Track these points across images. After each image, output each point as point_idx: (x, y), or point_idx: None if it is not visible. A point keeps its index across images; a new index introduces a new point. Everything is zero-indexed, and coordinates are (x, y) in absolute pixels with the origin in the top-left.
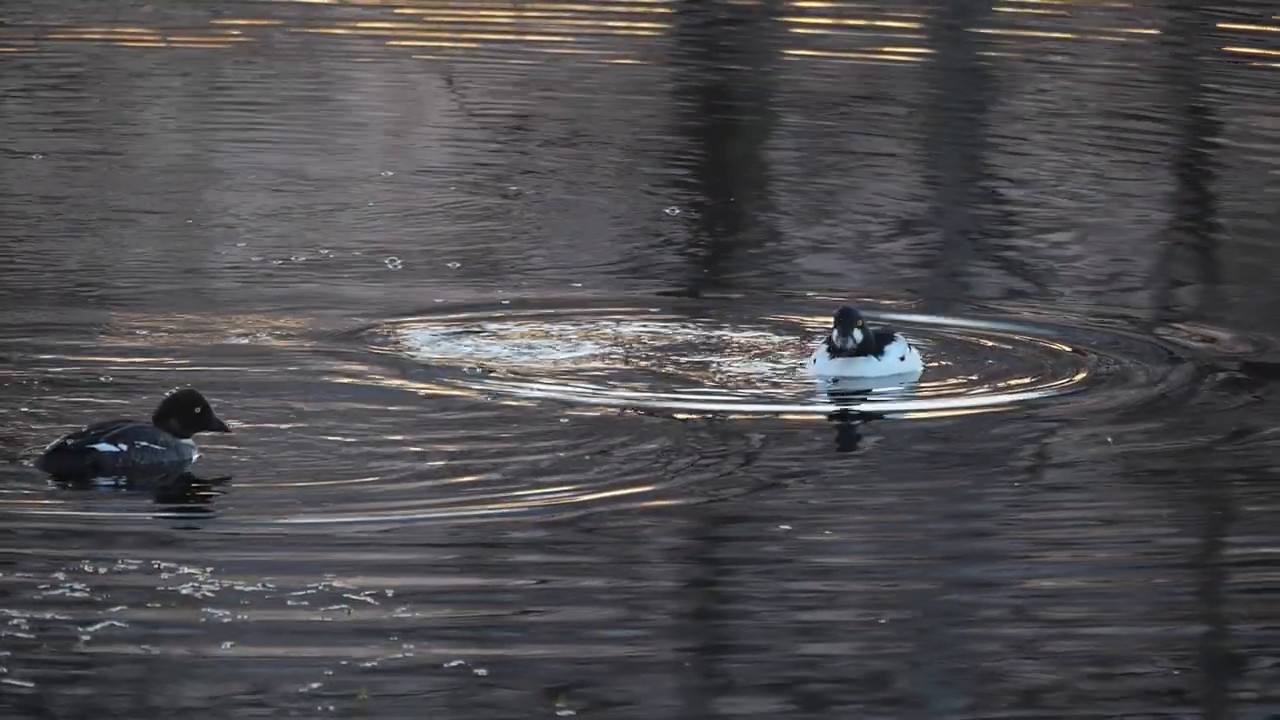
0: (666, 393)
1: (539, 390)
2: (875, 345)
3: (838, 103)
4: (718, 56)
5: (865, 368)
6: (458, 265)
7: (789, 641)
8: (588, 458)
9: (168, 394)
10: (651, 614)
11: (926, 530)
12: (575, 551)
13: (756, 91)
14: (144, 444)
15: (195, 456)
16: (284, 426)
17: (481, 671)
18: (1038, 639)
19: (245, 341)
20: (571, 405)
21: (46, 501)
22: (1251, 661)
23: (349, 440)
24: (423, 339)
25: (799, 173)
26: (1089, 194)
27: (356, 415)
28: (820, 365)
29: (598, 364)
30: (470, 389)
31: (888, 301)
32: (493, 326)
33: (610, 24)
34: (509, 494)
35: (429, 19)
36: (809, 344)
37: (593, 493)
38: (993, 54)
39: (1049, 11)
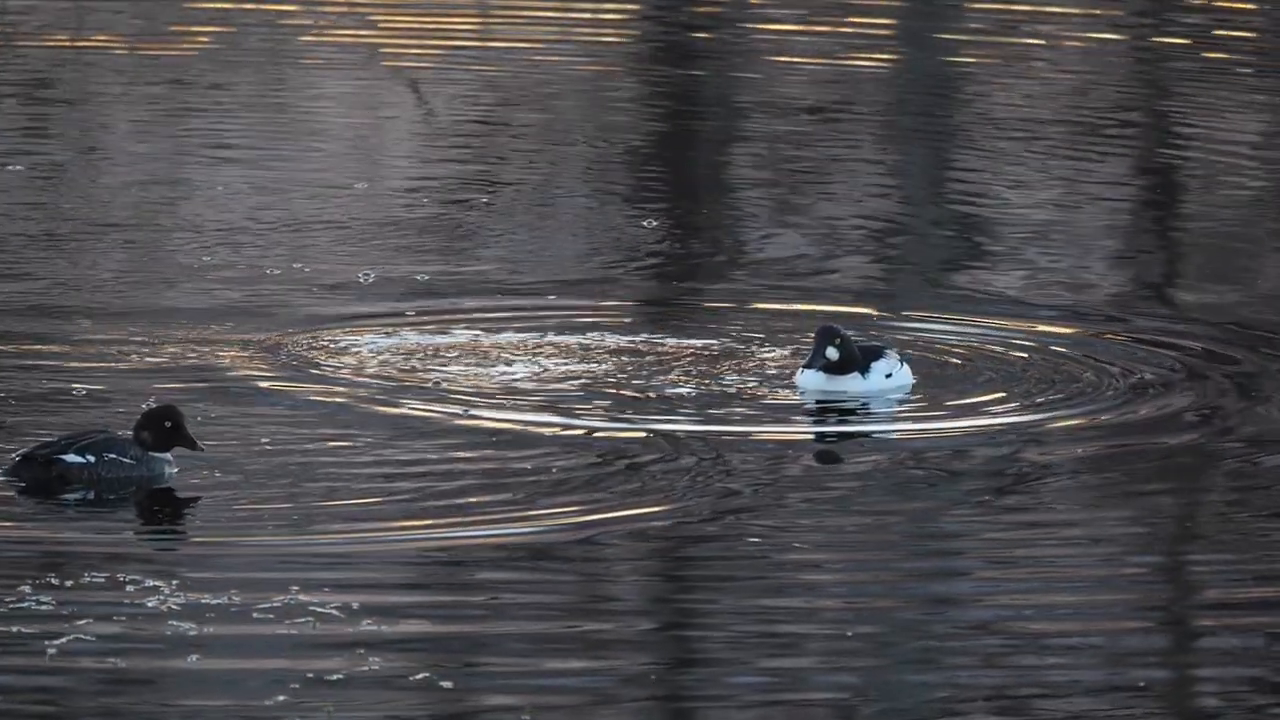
0: (640, 410)
1: (512, 408)
2: (860, 361)
3: (808, 108)
4: (685, 63)
5: (849, 384)
6: (427, 278)
7: (755, 661)
8: (559, 477)
9: (144, 407)
10: (619, 636)
11: (898, 565)
12: (544, 572)
13: (724, 97)
14: (112, 456)
15: (171, 472)
16: (254, 443)
17: (447, 685)
18: (1005, 678)
19: (217, 356)
20: (545, 424)
21: (11, 512)
22: (1218, 689)
23: (319, 458)
24: (396, 354)
25: (770, 180)
26: (1059, 197)
27: (327, 431)
28: (805, 380)
29: (573, 379)
30: (443, 407)
31: (865, 310)
32: (466, 341)
33: (576, 29)
34: (479, 514)
35: (394, 26)
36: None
37: (563, 514)
38: (962, 58)
39: (1017, 15)
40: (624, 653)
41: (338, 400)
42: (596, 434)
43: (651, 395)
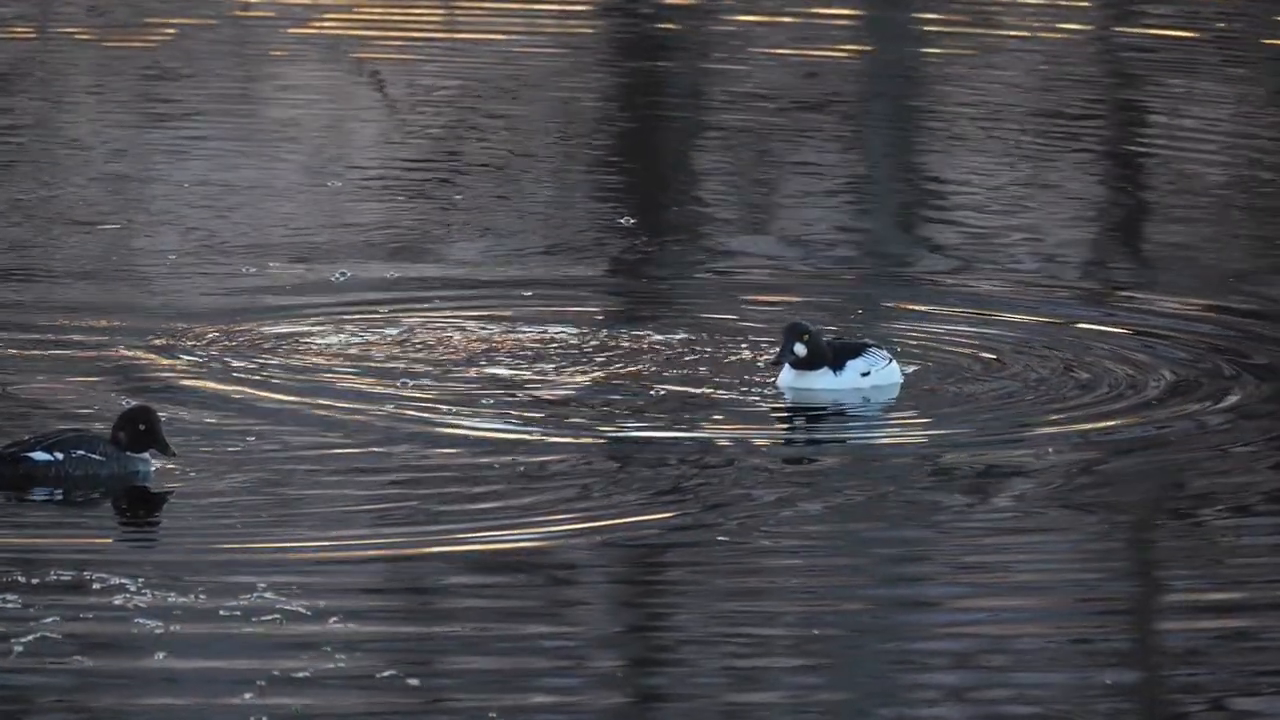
0: (610, 413)
1: (483, 411)
2: (830, 358)
3: (775, 99)
4: (653, 54)
5: (819, 380)
6: (397, 276)
7: (721, 690)
8: (529, 483)
9: (123, 404)
10: (587, 647)
11: (865, 590)
12: (512, 580)
13: (694, 88)
14: (80, 453)
15: (148, 471)
16: (227, 444)
17: (414, 683)
18: (974, 686)
19: (190, 355)
20: (516, 428)
21: None
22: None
23: (291, 460)
24: (369, 353)
25: (742, 173)
26: (1029, 191)
27: (301, 433)
28: (781, 377)
29: (546, 381)
30: (415, 410)
31: (842, 305)
32: (436, 340)
33: (541, 21)
34: (449, 520)
35: (358, 18)
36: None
37: (533, 521)
38: (930, 49)
39: (987, 4)
40: (593, 658)
41: (310, 401)
42: (567, 438)
43: (622, 396)
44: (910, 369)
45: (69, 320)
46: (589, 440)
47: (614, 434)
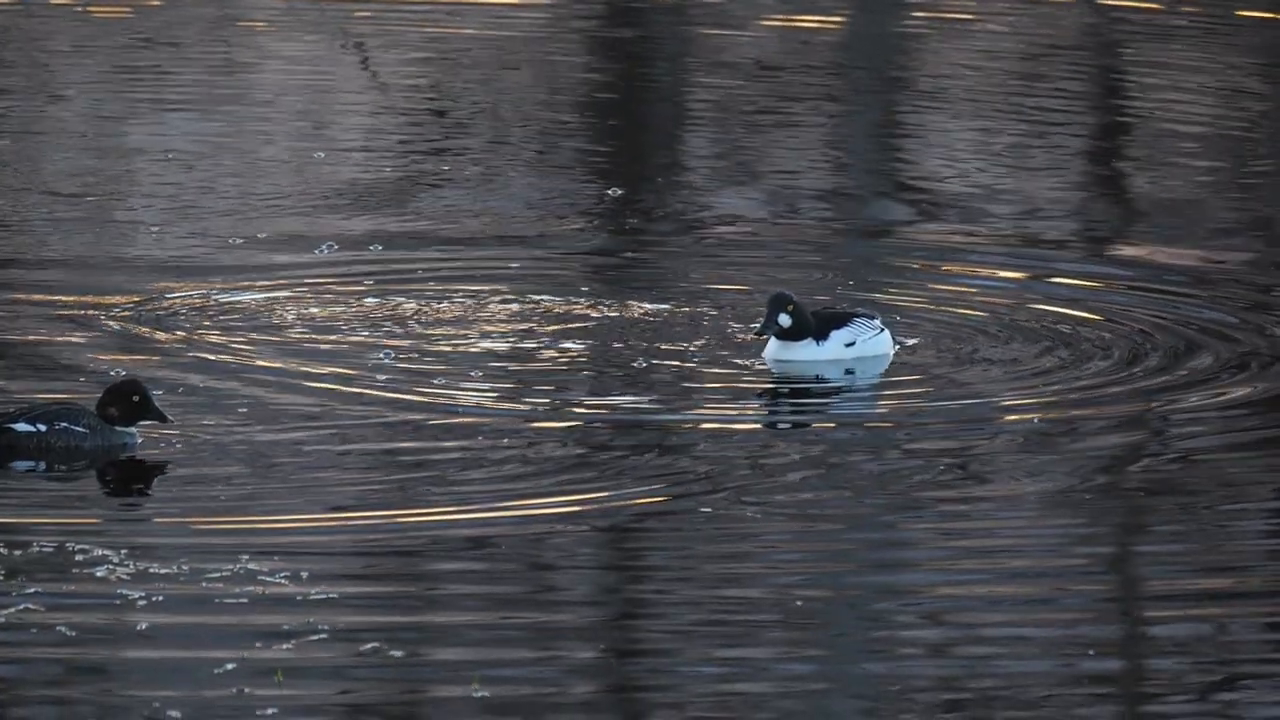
0: (594, 390)
1: (468, 388)
2: (813, 328)
3: (762, 67)
4: (638, 21)
5: (804, 351)
6: (380, 248)
7: (709, 680)
8: (514, 464)
9: (115, 375)
10: (568, 626)
11: (852, 577)
12: (497, 561)
13: (678, 56)
14: (63, 425)
15: (134, 444)
16: (213, 419)
17: (397, 653)
18: (957, 675)
19: (179, 332)
20: (500, 405)
21: None
22: (1167, 697)
23: (274, 439)
24: (356, 327)
25: (725, 142)
26: (1012, 167)
27: (284, 408)
28: (765, 350)
29: (532, 356)
30: (401, 386)
31: (824, 276)
32: (420, 312)
33: None
34: (435, 496)
35: None
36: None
37: (516, 501)
38: (912, 20)
39: None
40: (575, 638)
41: (294, 376)
42: (550, 417)
43: (606, 371)
44: (911, 341)
45: (51, 287)
46: (572, 421)
47: (597, 411)
